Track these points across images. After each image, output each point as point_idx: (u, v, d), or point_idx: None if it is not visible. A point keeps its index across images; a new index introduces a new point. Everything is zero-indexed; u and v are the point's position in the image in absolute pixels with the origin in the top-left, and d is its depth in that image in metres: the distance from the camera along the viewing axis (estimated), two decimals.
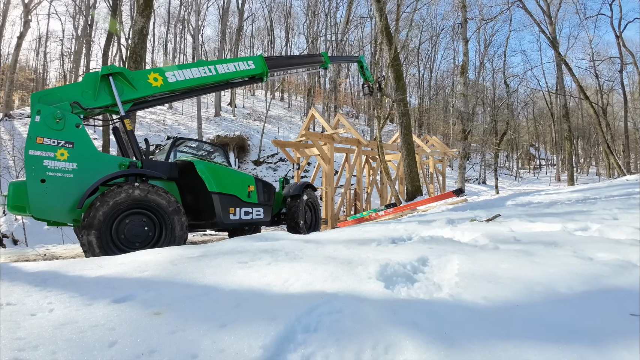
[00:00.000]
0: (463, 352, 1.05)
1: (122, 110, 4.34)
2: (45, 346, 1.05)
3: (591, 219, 3.16)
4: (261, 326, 1.23)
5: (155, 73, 4.73)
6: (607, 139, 14.68)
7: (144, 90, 4.60)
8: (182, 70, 5.00)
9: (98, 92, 4.23)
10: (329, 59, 7.73)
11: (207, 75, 5.22)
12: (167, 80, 4.79)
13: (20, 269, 2.08)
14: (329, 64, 7.71)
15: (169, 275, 1.93)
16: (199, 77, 5.13)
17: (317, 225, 6.89)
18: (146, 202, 3.89)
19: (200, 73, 5.14)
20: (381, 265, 1.92)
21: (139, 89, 4.54)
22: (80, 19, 28.01)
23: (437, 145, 16.25)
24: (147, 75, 4.67)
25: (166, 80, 4.78)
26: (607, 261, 1.85)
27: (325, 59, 7.59)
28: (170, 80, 4.82)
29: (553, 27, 17.32)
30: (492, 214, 4.16)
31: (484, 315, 1.31)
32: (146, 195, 3.87)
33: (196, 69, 5.12)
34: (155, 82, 4.68)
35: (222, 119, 25.41)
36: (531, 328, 1.18)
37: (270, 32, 36.87)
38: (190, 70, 5.07)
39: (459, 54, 34.46)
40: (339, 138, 10.53)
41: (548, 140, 42.41)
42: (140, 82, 4.58)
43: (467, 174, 24.61)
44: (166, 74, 4.82)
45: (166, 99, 5.23)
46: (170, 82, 4.82)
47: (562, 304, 1.37)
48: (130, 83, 4.46)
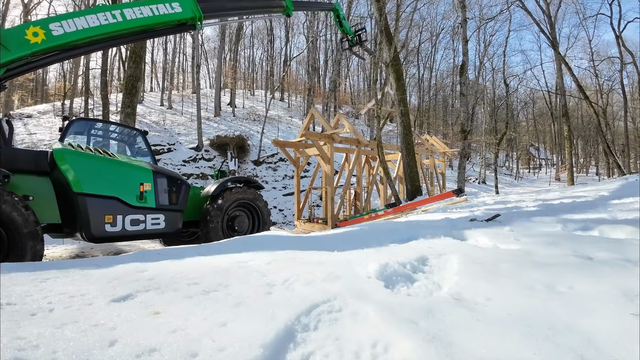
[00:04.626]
0: (463, 352, 1.05)
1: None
2: (46, 346, 1.06)
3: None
4: (261, 325, 1.23)
5: (35, 27, 3.79)
6: (607, 139, 14.69)
7: (20, 49, 3.66)
8: (73, 19, 4.00)
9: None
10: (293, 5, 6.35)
11: (110, 23, 4.16)
12: (51, 34, 3.82)
13: (20, 269, 2.08)
14: (292, 10, 6.34)
15: (169, 274, 1.94)
16: (98, 27, 4.09)
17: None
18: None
19: (99, 21, 4.10)
20: (381, 264, 1.92)
21: (12, 49, 3.62)
22: None
23: (437, 145, 16.25)
24: (23, 31, 3.74)
25: (50, 35, 3.82)
26: (607, 260, 1.86)
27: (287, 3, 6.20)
28: (55, 33, 3.84)
29: (553, 27, 17.32)
30: (491, 213, 4.17)
31: (484, 314, 1.31)
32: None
33: (93, 16, 4.09)
34: (34, 37, 3.74)
35: (222, 118, 25.40)
36: (531, 327, 1.19)
37: (270, 32, 36.85)
38: (85, 18, 4.05)
39: (458, 53, 34.49)
40: (339, 138, 10.52)
41: (548, 140, 42.42)
42: (15, 40, 3.65)
43: (467, 174, 24.62)
44: (50, 26, 3.87)
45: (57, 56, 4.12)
46: (56, 36, 3.84)
47: (560, 302, 1.37)
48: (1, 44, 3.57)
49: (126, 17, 4.25)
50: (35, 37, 3.75)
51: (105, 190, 3.94)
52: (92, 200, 3.81)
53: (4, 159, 3.46)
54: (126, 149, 5.22)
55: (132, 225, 4.11)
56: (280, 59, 36.67)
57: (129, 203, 4.11)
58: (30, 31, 3.75)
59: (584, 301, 1.36)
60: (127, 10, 4.30)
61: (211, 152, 19.93)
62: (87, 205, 3.77)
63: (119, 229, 3.99)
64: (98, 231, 3.84)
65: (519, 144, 36.34)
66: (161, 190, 4.45)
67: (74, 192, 3.74)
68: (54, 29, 3.85)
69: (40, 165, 3.79)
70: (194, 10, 4.72)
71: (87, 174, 3.83)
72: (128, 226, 4.07)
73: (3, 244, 3.11)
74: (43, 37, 3.78)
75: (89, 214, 3.77)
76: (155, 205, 4.34)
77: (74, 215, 3.82)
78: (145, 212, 4.24)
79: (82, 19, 4.03)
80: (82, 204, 3.75)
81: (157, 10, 4.46)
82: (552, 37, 16.29)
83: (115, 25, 4.19)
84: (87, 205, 3.77)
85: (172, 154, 18.79)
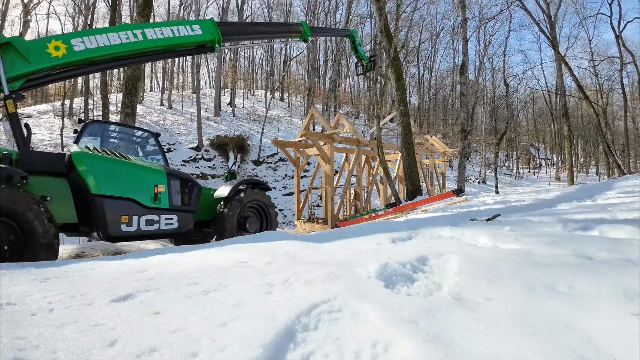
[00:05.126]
0: (463, 352, 1.05)
1: (6, 88, 3.60)
2: (45, 346, 1.06)
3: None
4: (261, 325, 1.23)
5: (57, 41, 3.92)
6: (607, 139, 14.68)
7: (40, 62, 3.79)
8: (95, 36, 4.10)
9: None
10: (310, 30, 6.45)
11: (130, 42, 4.27)
12: (72, 49, 3.95)
13: (21, 269, 2.08)
14: (309, 36, 6.43)
15: (169, 274, 1.94)
16: (119, 45, 4.21)
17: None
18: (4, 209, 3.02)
19: (120, 39, 4.21)
20: (381, 264, 1.92)
21: (33, 62, 3.75)
22: (79, 19, 27.98)
23: (437, 145, 16.25)
24: (45, 44, 3.85)
25: (71, 50, 3.94)
26: (607, 260, 1.86)
27: (305, 29, 6.30)
28: (77, 48, 3.97)
29: (553, 27, 17.32)
30: (491, 213, 4.17)
31: (484, 314, 1.31)
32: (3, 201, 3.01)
33: (115, 35, 4.20)
34: (56, 51, 3.87)
35: (222, 118, 25.40)
36: (531, 327, 1.19)
37: None
38: (107, 35, 4.16)
39: (458, 53, 34.49)
40: (339, 138, 10.52)
41: (548, 139, 42.42)
42: (36, 53, 3.77)
43: (467, 174, 24.65)
44: (72, 41, 3.98)
45: (78, 71, 4.28)
46: (77, 51, 3.97)
47: (560, 302, 1.37)
48: (22, 55, 3.71)
49: (147, 37, 4.39)
50: (57, 51, 3.87)
51: (122, 192, 4.04)
52: (109, 201, 3.91)
53: (23, 160, 3.56)
54: (138, 150, 5.31)
55: (147, 225, 4.22)
56: (280, 59, 36.68)
57: (144, 204, 4.21)
58: (52, 45, 3.87)
59: (584, 301, 1.36)
60: (148, 30, 4.43)
61: (211, 152, 19.93)
62: (104, 206, 3.87)
63: (134, 228, 4.09)
64: (115, 231, 3.94)
65: (519, 143, 36.35)
66: (174, 192, 4.55)
67: (91, 193, 3.83)
68: (75, 44, 3.98)
69: (58, 167, 3.88)
70: (213, 33, 4.86)
71: (104, 176, 3.94)
72: (143, 226, 4.18)
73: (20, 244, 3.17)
74: (64, 52, 3.90)
75: (106, 214, 3.87)
76: (168, 206, 4.44)
77: (92, 215, 3.91)
78: (159, 213, 4.36)
79: (103, 36, 4.15)
80: (99, 204, 3.85)
81: (177, 31, 4.58)
82: (552, 37, 16.29)
83: (135, 44, 4.32)
84: (104, 205, 3.87)
85: (172, 154, 18.79)
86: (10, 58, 3.66)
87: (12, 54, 3.68)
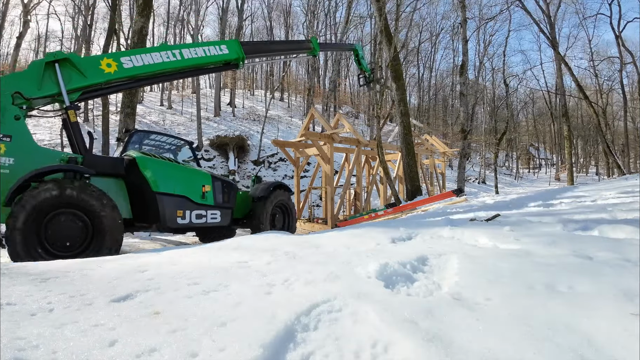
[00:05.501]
0: (463, 352, 1.05)
1: (66, 100, 4.02)
2: (45, 346, 1.06)
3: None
4: (261, 325, 1.23)
5: (108, 59, 4.39)
6: (606, 139, 14.69)
7: (95, 77, 4.26)
8: (141, 55, 4.62)
9: (43, 81, 3.92)
10: (319, 46, 7.18)
11: (170, 61, 4.83)
12: (122, 66, 4.44)
13: (20, 269, 2.08)
14: (318, 52, 7.16)
15: (169, 274, 1.94)
16: (161, 63, 4.74)
17: (291, 230, 6.45)
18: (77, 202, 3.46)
19: (162, 58, 4.75)
20: (381, 264, 1.92)
21: (88, 77, 4.20)
22: (79, 19, 27.99)
23: (437, 145, 16.25)
24: (99, 61, 4.32)
25: (121, 66, 4.43)
26: (607, 260, 1.86)
27: (314, 45, 7.01)
28: (126, 66, 4.46)
29: (553, 27, 17.32)
30: (491, 213, 4.17)
31: (484, 314, 1.31)
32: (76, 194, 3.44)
33: (157, 54, 4.73)
34: (108, 68, 4.34)
35: (222, 118, 25.40)
36: (531, 327, 1.19)
37: (270, 32, 36.84)
38: (151, 55, 4.68)
39: (458, 53, 34.50)
40: (339, 138, 10.52)
41: (547, 140, 42.42)
42: (91, 69, 4.23)
43: (466, 174, 24.65)
44: (122, 59, 4.46)
45: (124, 85, 4.81)
46: (126, 68, 4.47)
47: (560, 302, 1.37)
48: (79, 70, 4.14)
49: (184, 56, 4.97)
50: (109, 67, 4.35)
51: (177, 190, 4.64)
52: (168, 198, 4.50)
53: (88, 164, 4.02)
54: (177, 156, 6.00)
55: (197, 219, 4.86)
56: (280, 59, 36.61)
57: (194, 201, 4.85)
58: (105, 62, 4.35)
59: (584, 301, 1.36)
60: (185, 50, 5.01)
61: (211, 152, 19.92)
62: (164, 202, 4.44)
63: (187, 221, 4.72)
64: (172, 223, 4.54)
65: (519, 144, 36.35)
66: (217, 191, 5.21)
67: (153, 191, 4.38)
68: (124, 62, 4.47)
69: (117, 169, 4.36)
70: (238, 52, 5.55)
71: (163, 177, 4.50)
72: (194, 219, 4.81)
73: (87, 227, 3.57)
74: (115, 69, 4.39)
75: (165, 209, 4.44)
76: (213, 203, 5.11)
77: (152, 210, 4.45)
78: (206, 209, 5.02)
79: (148, 56, 4.67)
80: (160, 201, 4.41)
81: (208, 51, 5.23)
82: (551, 37, 16.30)
83: (174, 63, 4.89)
84: (163, 202, 4.44)
85: None
86: (68, 73, 4.09)
87: (70, 69, 4.10)
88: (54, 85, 4.00)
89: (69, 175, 3.62)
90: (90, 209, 3.54)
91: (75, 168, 3.71)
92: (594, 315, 1.24)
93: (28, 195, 3.25)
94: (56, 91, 4.01)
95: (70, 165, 3.73)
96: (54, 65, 4.00)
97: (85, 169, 3.79)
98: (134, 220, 4.52)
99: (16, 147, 3.57)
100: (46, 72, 3.97)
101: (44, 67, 3.95)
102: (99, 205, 3.56)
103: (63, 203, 3.41)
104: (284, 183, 6.62)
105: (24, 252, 3.17)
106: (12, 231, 3.15)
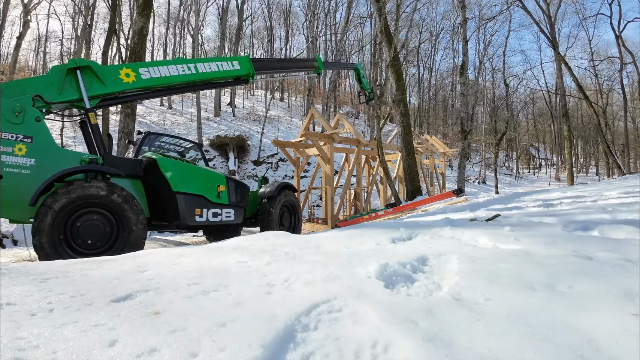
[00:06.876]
0: (463, 352, 1.05)
1: (87, 103, 4.16)
2: (45, 346, 1.06)
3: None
4: (261, 325, 1.23)
5: (127, 69, 4.55)
6: (606, 139, 14.69)
7: (114, 86, 4.41)
8: (158, 67, 4.81)
9: (63, 86, 4.06)
10: (323, 65, 7.49)
11: (185, 74, 5.03)
12: (140, 76, 4.61)
13: (20, 269, 2.08)
14: (322, 70, 7.48)
15: (169, 274, 1.93)
16: (177, 76, 4.94)
17: (297, 229, 6.64)
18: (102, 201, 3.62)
19: (177, 71, 4.95)
20: (381, 264, 1.92)
21: (108, 85, 4.35)
22: (79, 19, 27.99)
23: (437, 145, 16.25)
24: (118, 71, 4.48)
25: (139, 77, 4.60)
26: (607, 260, 1.86)
27: (319, 64, 7.34)
28: (144, 77, 4.64)
29: (553, 27, 17.32)
30: (491, 213, 4.17)
31: (484, 314, 1.31)
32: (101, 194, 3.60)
33: (173, 67, 4.93)
34: (127, 78, 4.49)
35: (222, 119, 25.40)
36: (531, 327, 1.18)
37: (270, 32, 36.85)
38: (167, 67, 4.87)
39: (458, 53, 34.52)
40: (339, 138, 10.52)
41: (548, 140, 42.41)
42: (110, 77, 4.39)
43: (467, 174, 24.64)
44: (140, 70, 4.63)
45: (140, 95, 5.02)
46: (143, 79, 4.64)
47: (560, 302, 1.37)
48: (99, 78, 4.29)
49: (199, 70, 5.18)
50: (127, 77, 4.51)
51: (195, 190, 4.82)
52: (187, 197, 4.67)
53: (107, 164, 4.15)
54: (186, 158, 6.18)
55: (213, 217, 5.06)
56: None
57: (211, 200, 5.04)
58: (124, 72, 4.50)
59: (584, 301, 1.36)
60: (200, 64, 5.24)
61: (211, 152, 19.92)
62: (184, 201, 4.61)
63: (204, 219, 4.90)
64: (191, 221, 4.71)
65: (519, 144, 36.35)
66: (231, 191, 5.44)
67: (173, 191, 4.54)
68: (142, 72, 4.65)
69: (136, 170, 4.50)
70: (248, 68, 5.79)
71: (182, 177, 4.68)
72: (210, 217, 5.00)
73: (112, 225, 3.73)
74: (133, 79, 4.56)
75: (185, 208, 4.62)
76: (228, 202, 5.32)
77: (171, 209, 4.62)
78: (222, 207, 5.23)
79: (164, 68, 4.86)
80: (179, 200, 4.57)
81: (221, 66, 5.47)
82: (552, 37, 16.30)
83: (189, 76, 5.08)
84: (183, 201, 4.60)
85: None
86: (89, 80, 4.23)
87: (90, 76, 4.25)
88: (74, 91, 4.14)
89: (91, 175, 3.76)
90: (117, 209, 3.69)
91: (102, 169, 3.89)
92: (594, 315, 1.24)
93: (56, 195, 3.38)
94: (76, 97, 4.15)
95: (95, 166, 3.90)
96: (74, 71, 4.13)
97: (112, 170, 3.96)
98: (151, 219, 4.70)
99: (37, 148, 3.65)
100: (67, 78, 4.10)
101: (65, 72, 4.08)
102: (128, 206, 3.73)
103: (89, 203, 3.57)
104: (291, 183, 6.79)
105: (52, 250, 3.31)
106: (38, 232, 3.27)
